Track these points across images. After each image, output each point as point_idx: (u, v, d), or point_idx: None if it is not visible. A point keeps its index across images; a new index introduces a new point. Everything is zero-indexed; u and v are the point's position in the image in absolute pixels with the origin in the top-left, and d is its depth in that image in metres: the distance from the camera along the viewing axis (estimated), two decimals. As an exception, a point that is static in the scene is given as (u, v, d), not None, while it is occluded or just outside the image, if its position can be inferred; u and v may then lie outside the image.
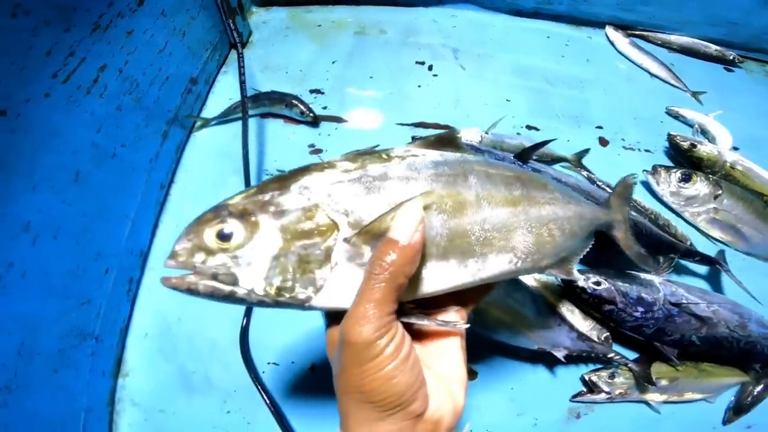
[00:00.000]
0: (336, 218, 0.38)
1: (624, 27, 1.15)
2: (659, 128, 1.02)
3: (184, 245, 0.36)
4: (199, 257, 0.36)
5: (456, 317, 0.44)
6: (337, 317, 0.38)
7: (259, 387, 0.74)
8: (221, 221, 0.37)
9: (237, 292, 0.36)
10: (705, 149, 0.93)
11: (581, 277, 0.75)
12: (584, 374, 0.78)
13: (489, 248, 0.42)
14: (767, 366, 0.78)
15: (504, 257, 0.43)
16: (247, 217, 0.37)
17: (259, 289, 0.36)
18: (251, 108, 0.95)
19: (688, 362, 0.78)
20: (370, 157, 0.41)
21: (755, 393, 0.78)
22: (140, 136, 0.80)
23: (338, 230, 0.37)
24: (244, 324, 0.78)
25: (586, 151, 0.95)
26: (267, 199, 0.38)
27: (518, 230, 0.44)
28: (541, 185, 0.49)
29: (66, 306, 0.67)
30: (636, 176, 0.68)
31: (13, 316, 0.58)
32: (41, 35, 0.58)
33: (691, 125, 1.02)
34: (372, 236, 0.37)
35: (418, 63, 1.08)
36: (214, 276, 0.36)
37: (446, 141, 0.45)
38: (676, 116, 1.04)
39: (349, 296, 0.36)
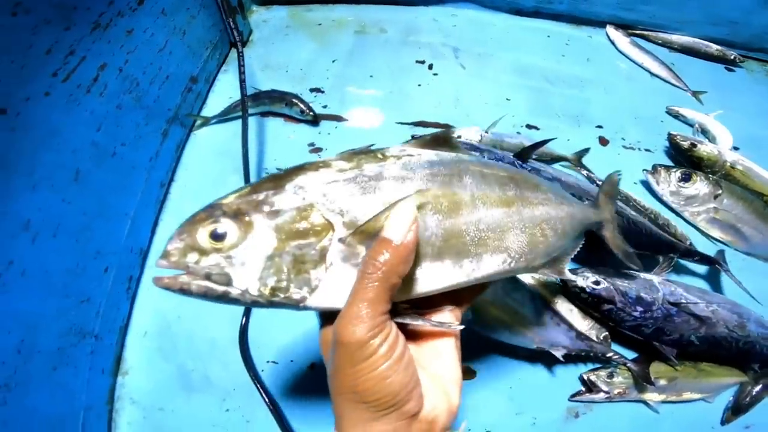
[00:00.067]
0: (331, 218, 0.37)
1: (625, 26, 1.15)
2: (659, 128, 1.02)
3: (177, 245, 0.36)
4: (192, 257, 0.36)
5: (450, 317, 0.44)
6: (331, 317, 0.38)
7: (258, 386, 0.74)
8: (214, 221, 0.36)
9: (231, 293, 0.36)
10: (705, 149, 0.93)
11: (573, 277, 0.75)
12: (583, 374, 0.78)
13: (484, 248, 0.42)
14: (766, 366, 0.78)
15: (498, 257, 0.43)
16: (241, 217, 0.37)
17: (253, 290, 0.36)
18: (251, 107, 0.95)
19: (687, 362, 0.78)
20: (366, 157, 0.41)
21: (754, 393, 0.78)
22: (140, 135, 0.80)
23: (333, 230, 0.37)
24: (244, 323, 0.79)
25: (586, 151, 0.95)
26: (261, 199, 0.38)
27: (512, 230, 0.44)
28: (534, 186, 0.49)
29: (65, 304, 0.67)
30: (620, 173, 0.69)
31: (13, 314, 0.58)
32: (41, 34, 0.58)
33: (692, 125, 1.01)
34: (367, 236, 0.37)
35: (419, 62, 1.08)
36: (208, 276, 0.36)
37: (442, 140, 0.45)
38: (677, 116, 1.04)
39: (344, 296, 0.36)
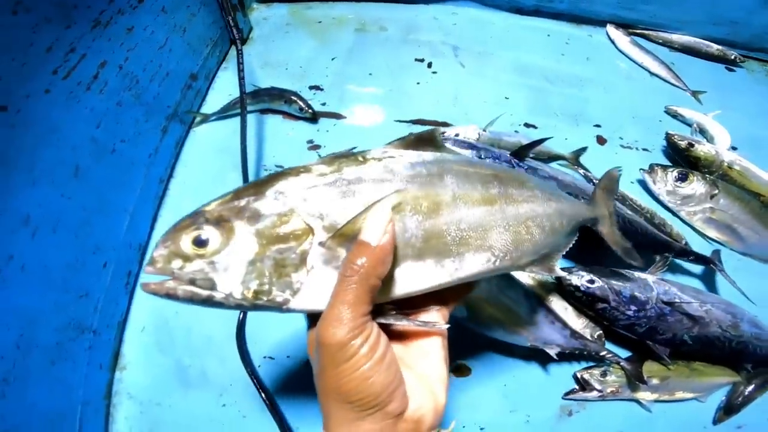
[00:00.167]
0: (311, 222, 0.38)
1: (625, 26, 1.14)
2: (658, 127, 1.02)
3: (162, 252, 0.37)
4: (177, 263, 0.37)
5: (437, 317, 0.45)
6: (317, 319, 0.38)
7: (255, 381, 0.75)
8: (197, 228, 0.37)
9: (215, 297, 0.37)
10: (702, 149, 0.93)
11: (564, 273, 0.76)
12: (577, 372, 0.78)
13: (466, 248, 0.42)
14: (759, 366, 0.79)
15: (482, 256, 0.43)
16: (223, 224, 0.38)
17: (237, 294, 0.37)
18: (251, 104, 0.96)
19: (680, 361, 0.78)
20: (347, 160, 0.41)
21: (746, 393, 0.78)
22: (140, 132, 0.81)
23: (313, 234, 0.38)
24: (241, 318, 0.79)
25: (584, 150, 0.96)
26: (242, 205, 0.38)
27: (495, 229, 0.44)
28: (520, 183, 0.49)
29: (64, 299, 0.67)
30: (621, 169, 0.68)
31: (12, 309, 0.59)
32: (42, 32, 0.59)
33: (690, 124, 1.01)
34: (346, 239, 0.38)
35: (418, 60, 1.08)
36: (192, 281, 0.37)
37: (426, 140, 0.45)
38: (675, 115, 1.04)
39: (326, 299, 0.37)
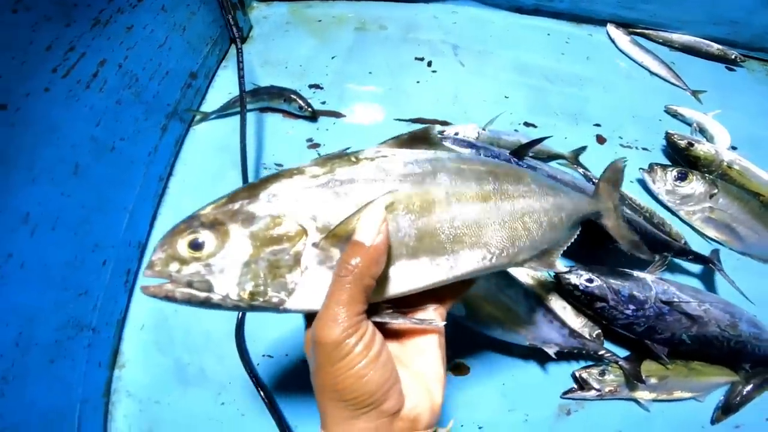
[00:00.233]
0: (304, 223, 0.39)
1: (625, 25, 1.14)
2: (658, 126, 1.02)
3: (159, 256, 0.38)
4: (174, 266, 0.38)
5: (434, 315, 0.45)
6: (314, 318, 0.39)
7: (254, 379, 0.75)
8: (193, 232, 0.38)
9: (212, 298, 0.38)
10: (702, 148, 0.93)
11: (564, 269, 0.76)
12: (575, 371, 0.78)
13: (460, 245, 0.42)
14: (757, 366, 0.79)
15: (477, 253, 0.43)
16: (218, 227, 0.38)
17: (234, 295, 0.38)
18: (250, 102, 0.96)
19: (679, 361, 0.78)
20: (339, 161, 0.42)
21: (744, 393, 0.78)
22: (139, 130, 0.81)
23: (307, 235, 0.38)
24: (240, 317, 0.79)
25: (583, 149, 0.96)
26: (236, 208, 0.39)
27: (490, 225, 0.44)
28: (517, 178, 0.49)
29: (63, 297, 0.68)
30: (626, 159, 0.67)
31: (11, 307, 0.59)
32: (42, 30, 0.59)
33: (690, 124, 1.01)
34: (339, 239, 0.38)
35: (418, 59, 1.08)
36: (190, 284, 0.37)
37: (420, 138, 0.46)
38: (675, 115, 1.04)
39: (322, 298, 0.37)
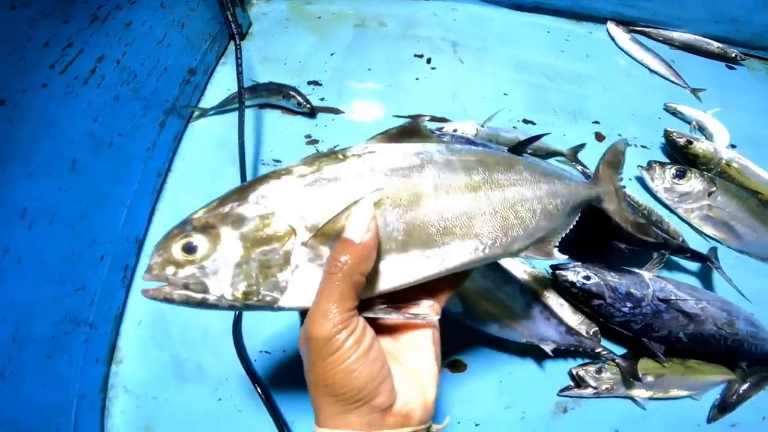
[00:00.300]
0: (292, 223, 0.39)
1: (625, 23, 1.14)
2: (657, 124, 1.02)
3: (156, 260, 0.39)
4: (170, 270, 0.39)
5: (428, 310, 0.45)
6: None
7: (251, 375, 0.75)
8: (186, 236, 0.39)
9: (209, 299, 0.39)
10: (701, 146, 0.93)
11: (563, 257, 0.76)
12: (572, 369, 0.78)
13: (451, 237, 0.42)
14: (754, 364, 0.79)
15: (468, 245, 0.43)
16: (210, 230, 0.39)
17: (228, 295, 0.39)
18: (249, 99, 0.95)
19: (675, 359, 0.78)
20: (327, 159, 0.42)
21: (741, 391, 0.78)
22: (137, 126, 0.81)
23: (296, 234, 0.39)
24: (237, 313, 0.79)
25: (582, 146, 0.95)
26: (227, 211, 0.40)
27: (481, 216, 0.44)
28: (507, 167, 0.48)
29: (61, 292, 0.68)
30: (627, 140, 0.66)
31: (8, 302, 0.59)
32: (40, 27, 0.59)
33: (689, 122, 1.01)
34: (328, 237, 0.39)
35: (417, 56, 1.08)
36: (186, 286, 0.38)
37: (411, 131, 0.45)
38: (674, 113, 1.04)
39: (313, 296, 0.38)
